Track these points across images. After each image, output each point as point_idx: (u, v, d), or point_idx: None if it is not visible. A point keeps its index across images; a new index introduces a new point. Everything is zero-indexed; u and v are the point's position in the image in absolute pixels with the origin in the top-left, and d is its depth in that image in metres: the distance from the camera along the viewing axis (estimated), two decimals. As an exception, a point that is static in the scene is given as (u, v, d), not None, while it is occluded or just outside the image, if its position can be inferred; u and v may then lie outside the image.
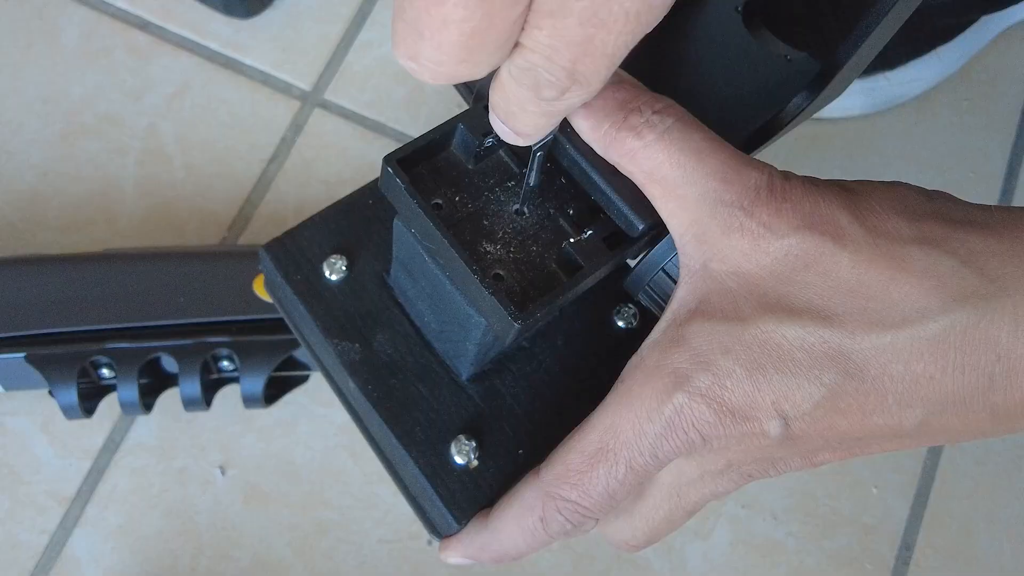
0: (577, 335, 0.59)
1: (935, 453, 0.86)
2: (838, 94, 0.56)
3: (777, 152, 0.94)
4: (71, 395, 0.76)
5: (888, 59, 0.94)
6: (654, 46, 0.55)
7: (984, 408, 0.45)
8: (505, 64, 0.39)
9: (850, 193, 0.47)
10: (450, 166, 0.51)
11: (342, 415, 0.83)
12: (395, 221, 0.52)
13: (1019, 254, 0.45)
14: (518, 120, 0.42)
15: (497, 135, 0.49)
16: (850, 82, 0.56)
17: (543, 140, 0.47)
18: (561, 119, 0.43)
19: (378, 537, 0.81)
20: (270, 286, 0.61)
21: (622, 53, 0.38)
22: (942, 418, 0.45)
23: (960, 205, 0.48)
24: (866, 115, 0.97)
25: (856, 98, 0.95)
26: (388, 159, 0.48)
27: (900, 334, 0.44)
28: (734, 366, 0.45)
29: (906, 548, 0.83)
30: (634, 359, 0.49)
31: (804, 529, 0.83)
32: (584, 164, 0.49)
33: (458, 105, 0.92)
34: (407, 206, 0.48)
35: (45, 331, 0.77)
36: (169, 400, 0.81)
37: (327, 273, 0.58)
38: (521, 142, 0.44)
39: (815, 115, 0.95)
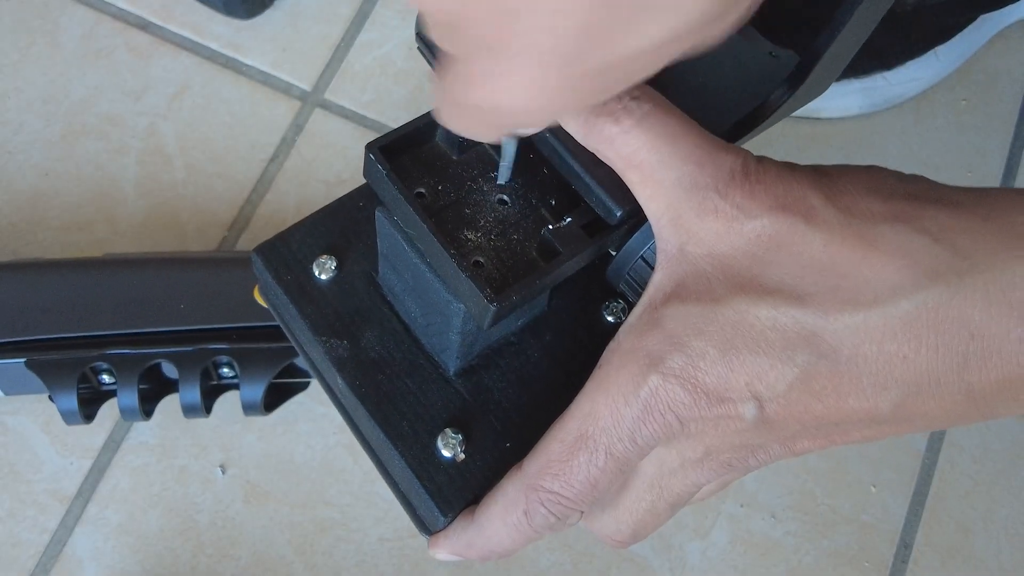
0: (566, 330, 0.59)
1: (933, 451, 0.86)
2: (822, 89, 0.56)
3: (775, 152, 0.94)
4: (71, 401, 0.76)
5: (886, 59, 0.94)
6: None
7: (960, 390, 0.45)
8: None
9: (823, 176, 0.47)
10: (434, 157, 0.52)
11: (343, 414, 0.84)
12: (376, 212, 0.53)
13: (991, 231, 0.45)
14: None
15: None
16: (833, 77, 0.56)
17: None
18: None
19: (378, 535, 0.82)
20: (263, 288, 0.61)
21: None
22: (918, 400, 0.45)
23: (935, 186, 0.48)
24: (864, 115, 0.97)
25: (854, 98, 0.95)
26: (370, 146, 0.49)
27: (872, 313, 0.44)
28: (707, 347, 0.46)
29: (904, 546, 0.83)
30: (611, 344, 0.49)
31: (803, 528, 0.83)
32: (564, 152, 0.49)
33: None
34: (388, 193, 0.49)
35: (46, 336, 0.78)
36: (170, 399, 0.81)
37: (317, 273, 0.58)
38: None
39: (814, 115, 0.96)
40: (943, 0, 0.88)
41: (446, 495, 0.54)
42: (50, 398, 0.77)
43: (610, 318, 0.59)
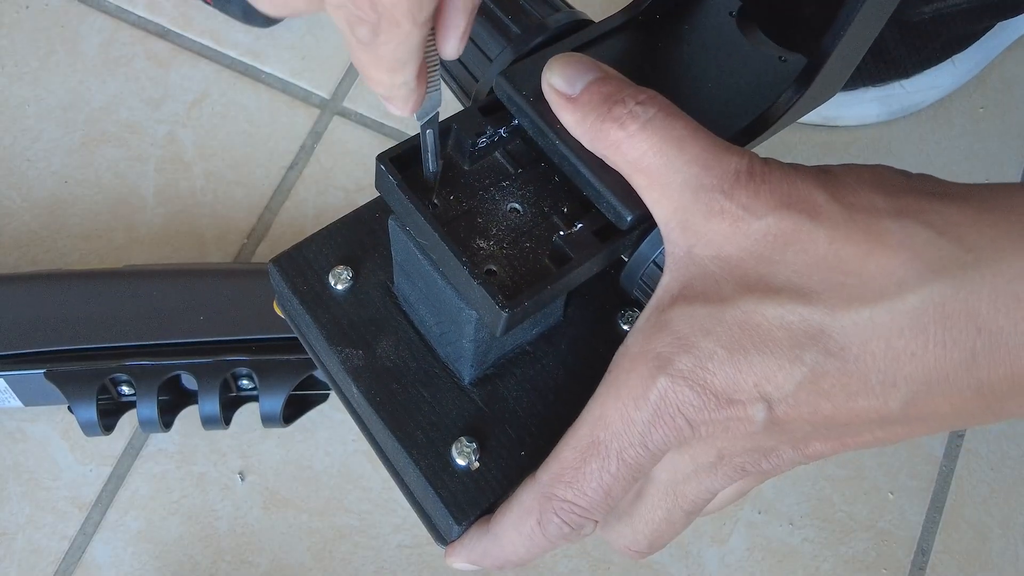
0: (582, 340, 0.59)
1: (951, 458, 0.86)
2: (831, 92, 0.57)
3: (793, 159, 0.94)
4: (91, 412, 0.76)
5: (903, 67, 0.94)
6: (651, 50, 0.56)
7: (970, 386, 0.44)
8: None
9: (828, 174, 0.47)
10: (446, 167, 0.52)
11: (361, 421, 0.84)
12: (389, 221, 0.53)
13: (997, 223, 0.44)
14: (369, 76, 0.44)
15: (488, 136, 0.51)
16: (842, 79, 0.56)
17: (426, 115, 0.48)
18: (401, 73, 0.44)
19: (397, 542, 0.82)
20: (280, 299, 0.62)
21: None
22: (928, 399, 0.45)
23: (940, 182, 0.48)
24: (882, 123, 0.97)
25: (872, 106, 0.95)
26: (381, 157, 0.50)
27: (878, 309, 0.44)
28: (715, 347, 0.45)
29: (922, 553, 0.83)
30: (620, 349, 0.49)
31: (820, 534, 0.83)
32: (573, 159, 0.50)
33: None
34: (400, 202, 0.50)
35: (65, 348, 0.78)
36: (189, 409, 0.81)
37: (332, 283, 0.59)
38: (397, 108, 0.46)
39: (831, 123, 0.96)
40: (960, 8, 0.88)
41: (460, 503, 0.54)
42: (69, 409, 0.77)
43: (626, 327, 0.59)
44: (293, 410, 0.81)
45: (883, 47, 0.92)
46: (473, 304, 0.49)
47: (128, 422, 0.83)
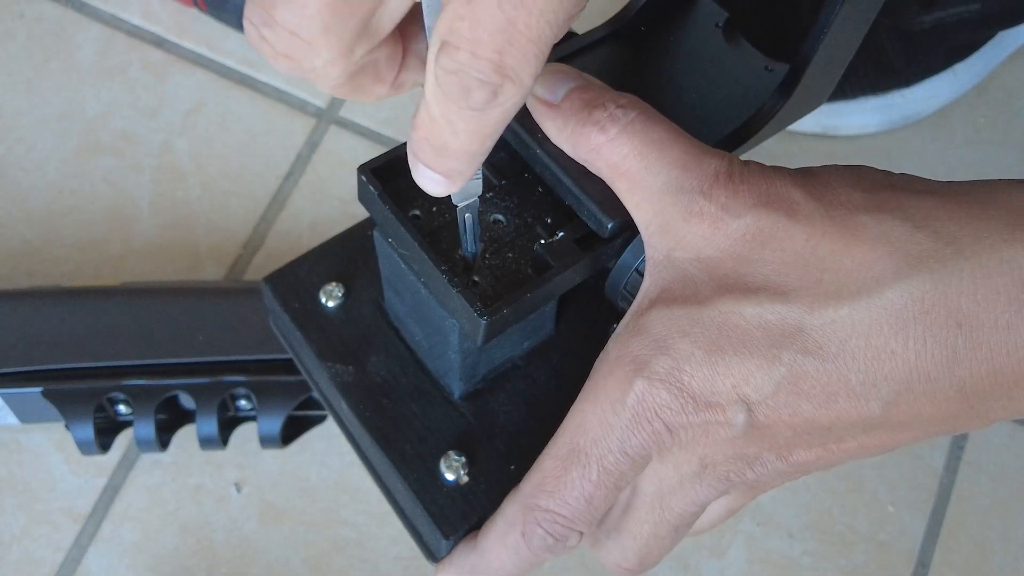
0: (575, 354, 0.59)
1: (951, 470, 0.86)
2: (819, 99, 0.57)
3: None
4: (87, 431, 0.76)
5: (904, 76, 0.94)
6: (635, 61, 0.56)
7: (952, 386, 0.44)
8: (429, 77, 0.38)
9: (807, 174, 0.47)
10: None
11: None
12: (374, 233, 0.54)
13: (976, 216, 0.44)
14: (449, 150, 0.41)
15: None
16: (828, 86, 0.57)
17: (469, 198, 0.47)
18: (492, 141, 0.41)
19: (394, 555, 0.81)
20: (273, 317, 0.62)
21: (548, 38, 0.38)
22: (910, 399, 0.44)
23: (922, 180, 0.48)
24: (882, 132, 0.97)
25: (872, 115, 0.95)
26: (362, 168, 0.50)
27: (856, 305, 0.43)
28: (693, 349, 0.45)
29: (922, 566, 0.83)
30: (600, 355, 0.49)
31: (820, 547, 0.83)
32: (555, 168, 0.50)
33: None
34: (381, 213, 0.50)
35: (63, 366, 0.78)
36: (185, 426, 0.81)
37: (324, 300, 0.59)
38: (450, 187, 0.43)
39: (832, 133, 0.95)
40: (961, 17, 0.88)
41: (448, 518, 0.54)
42: (66, 427, 0.77)
43: None
44: (291, 431, 0.81)
45: (883, 56, 0.92)
46: (454, 313, 0.49)
47: (123, 435, 0.83)
